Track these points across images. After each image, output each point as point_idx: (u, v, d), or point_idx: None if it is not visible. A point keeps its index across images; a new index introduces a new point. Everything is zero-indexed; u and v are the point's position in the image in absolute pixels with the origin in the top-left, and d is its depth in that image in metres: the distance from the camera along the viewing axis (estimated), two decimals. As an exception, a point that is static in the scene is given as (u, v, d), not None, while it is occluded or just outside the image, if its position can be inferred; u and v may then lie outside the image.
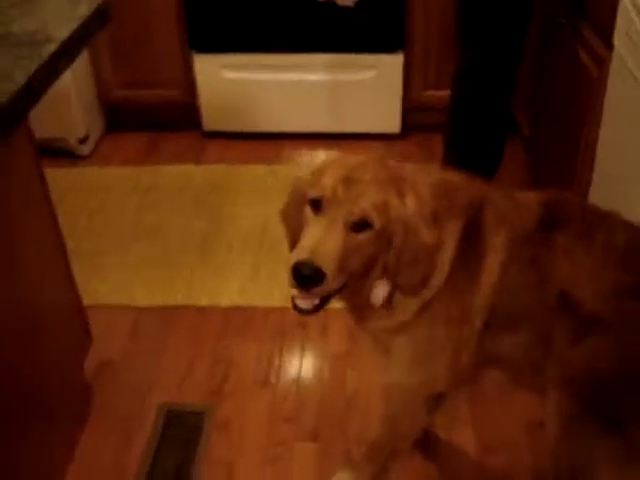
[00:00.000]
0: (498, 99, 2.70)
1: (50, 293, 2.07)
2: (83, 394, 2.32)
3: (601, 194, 2.28)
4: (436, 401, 1.85)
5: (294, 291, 1.47)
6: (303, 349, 2.51)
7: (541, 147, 3.04)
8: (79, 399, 2.29)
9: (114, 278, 2.83)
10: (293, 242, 1.60)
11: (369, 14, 3.38)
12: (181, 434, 2.24)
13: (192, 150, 3.70)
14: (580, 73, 2.44)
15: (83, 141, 3.62)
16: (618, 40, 2.02)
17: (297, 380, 2.41)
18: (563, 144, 2.66)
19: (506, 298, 1.52)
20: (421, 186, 1.50)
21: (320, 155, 3.61)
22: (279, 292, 2.69)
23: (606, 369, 1.40)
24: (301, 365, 2.46)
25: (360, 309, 1.64)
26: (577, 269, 1.46)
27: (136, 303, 2.72)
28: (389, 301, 1.56)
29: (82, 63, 3.59)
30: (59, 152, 3.61)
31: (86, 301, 2.62)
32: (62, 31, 1.59)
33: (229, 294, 2.73)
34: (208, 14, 3.47)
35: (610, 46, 2.12)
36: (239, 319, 2.64)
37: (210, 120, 3.74)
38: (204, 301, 2.71)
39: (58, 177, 3.43)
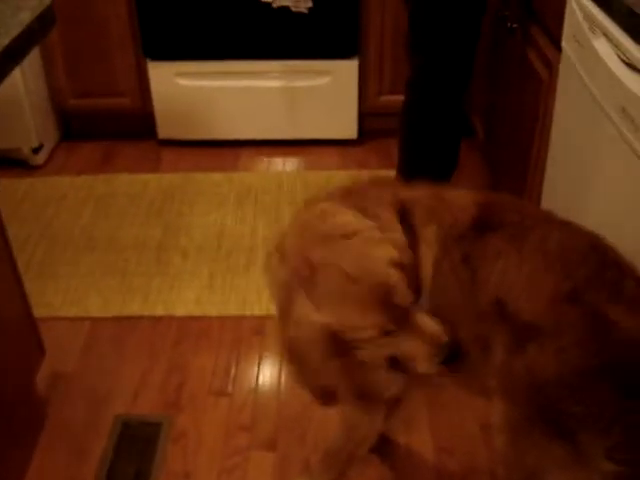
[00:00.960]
0: (450, 104, 2.71)
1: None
2: (36, 408, 2.28)
3: (553, 195, 2.31)
4: (392, 406, 1.84)
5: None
6: (260, 357, 2.49)
7: (496, 151, 3.06)
8: (32, 413, 2.26)
9: (68, 289, 2.79)
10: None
11: (323, 20, 3.39)
12: (137, 446, 2.21)
13: (147, 159, 3.67)
14: (531, 76, 2.46)
15: (37, 151, 3.57)
16: (566, 43, 2.04)
17: (254, 389, 2.39)
18: (516, 147, 2.69)
19: (440, 297, 1.51)
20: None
21: (277, 162, 3.60)
22: (235, 301, 2.68)
23: (548, 376, 1.38)
24: (258, 374, 2.44)
25: None
26: (511, 274, 1.43)
27: (90, 314, 2.68)
28: None
29: (35, 72, 3.55)
30: (13, 162, 3.56)
31: (40, 313, 2.59)
32: (3, 38, 1.56)
33: (185, 304, 2.71)
34: (162, 22, 3.45)
35: (560, 49, 2.14)
36: (195, 329, 2.62)
37: (165, 128, 3.71)
38: (159, 311, 2.68)
39: (12, 187, 3.41)
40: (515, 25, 2.59)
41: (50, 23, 1.71)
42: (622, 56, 1.64)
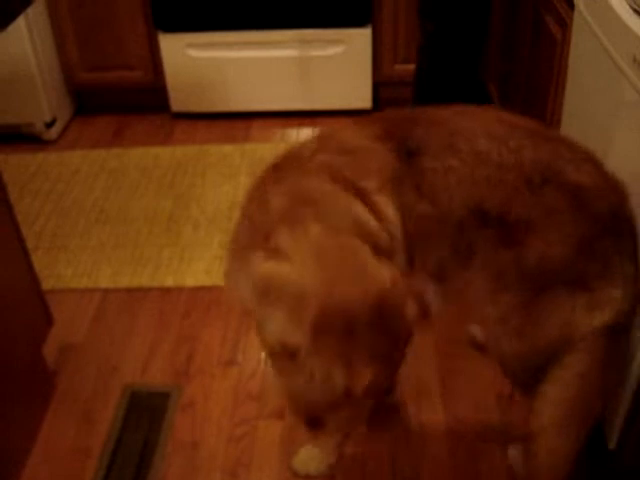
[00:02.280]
0: (462, 70, 2.65)
1: (3, 275, 2.02)
2: (45, 378, 2.27)
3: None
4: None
5: None
6: (270, 327, 2.46)
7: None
8: (41, 382, 2.24)
9: (79, 261, 2.77)
10: None
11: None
12: (145, 415, 2.20)
13: (160, 132, 3.64)
14: (545, 37, 2.40)
15: (50, 125, 3.56)
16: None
17: (264, 359, 2.36)
18: (532, 110, 2.62)
19: (417, 238, 1.54)
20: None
21: (290, 133, 3.56)
22: (246, 271, 2.65)
23: (541, 259, 1.47)
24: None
25: None
26: (469, 183, 1.48)
27: (101, 285, 2.67)
28: None
29: (47, 47, 3.53)
30: (26, 137, 3.55)
31: (51, 285, 2.61)
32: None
33: (195, 274, 2.68)
34: (172, -8, 3.41)
35: (572, 7, 2.08)
36: (205, 299, 2.59)
37: (178, 101, 3.68)
38: (170, 282, 2.66)
39: (25, 162, 3.40)
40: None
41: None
42: (633, 4, 1.58)
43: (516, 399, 2.16)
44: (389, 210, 1.49)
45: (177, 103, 3.68)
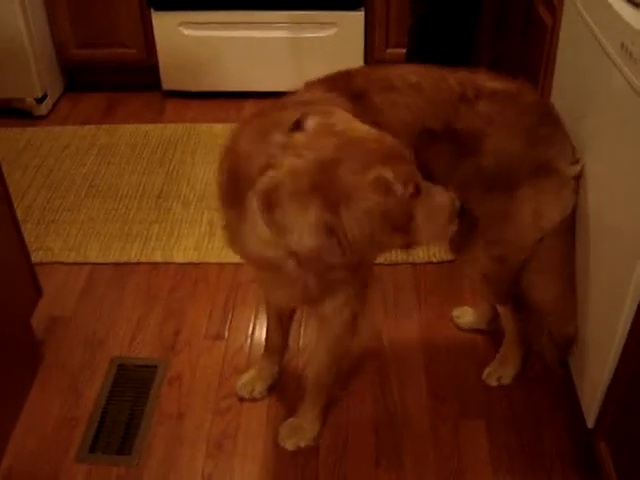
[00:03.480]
0: (454, 52, 2.67)
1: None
2: (33, 349, 2.29)
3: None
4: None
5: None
6: (257, 303, 2.48)
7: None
8: (28, 353, 2.26)
9: (68, 235, 2.79)
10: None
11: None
12: (132, 387, 2.22)
13: (151, 110, 3.65)
14: (536, 23, 2.43)
15: (40, 101, 3.56)
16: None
17: (251, 334, 2.39)
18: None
19: None
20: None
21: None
22: (234, 249, 2.67)
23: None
24: (255, 319, 2.44)
25: None
26: (411, 110, 1.71)
27: (89, 260, 2.68)
28: None
29: (39, 22, 3.53)
30: (17, 112, 3.55)
31: (40, 258, 2.63)
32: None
33: (183, 251, 2.70)
34: (165, -30, 3.41)
35: (563, -7, 2.10)
36: (193, 275, 2.61)
37: (169, 79, 3.68)
38: (158, 257, 2.68)
39: (15, 136, 3.41)
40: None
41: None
42: (622, -10, 1.60)
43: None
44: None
45: (169, 81, 3.69)
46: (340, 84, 1.72)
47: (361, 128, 1.51)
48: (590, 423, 1.90)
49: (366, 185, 1.42)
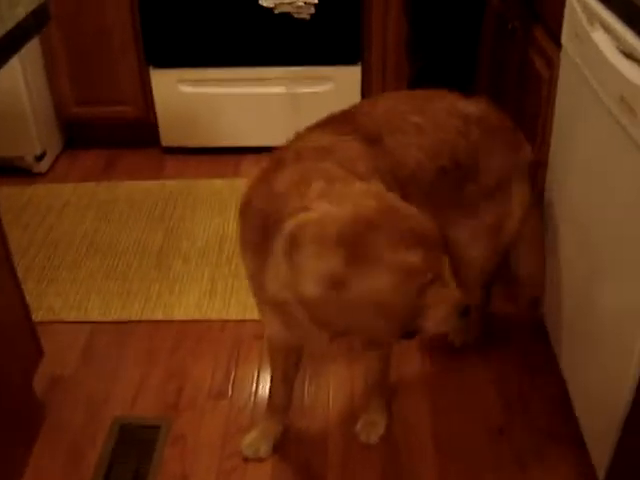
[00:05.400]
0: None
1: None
2: (33, 411, 2.26)
3: (557, 193, 2.29)
4: None
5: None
6: (260, 360, 2.46)
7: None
8: (29, 416, 2.23)
9: (69, 293, 2.78)
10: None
11: (325, 26, 3.38)
12: (135, 449, 2.19)
13: (150, 166, 3.66)
14: (532, 77, 2.45)
15: (40, 158, 3.57)
16: (566, 39, 2.02)
17: (254, 392, 2.36)
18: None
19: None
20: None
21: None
22: (236, 305, 2.66)
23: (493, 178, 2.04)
24: (259, 377, 2.41)
25: None
26: (423, 150, 1.85)
27: (90, 318, 2.67)
28: None
29: (38, 80, 3.56)
30: (16, 170, 3.57)
31: (40, 317, 2.61)
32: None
33: (185, 308, 2.69)
34: (164, 29, 3.46)
35: (560, 46, 2.13)
36: (195, 332, 2.59)
37: (168, 136, 3.71)
38: (159, 315, 2.66)
39: (15, 194, 3.41)
40: (516, 25, 2.57)
41: (44, 18, 1.70)
42: (620, 46, 1.62)
43: (505, 433, 2.17)
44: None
45: (167, 138, 3.71)
46: (347, 127, 1.79)
47: (403, 204, 1.52)
48: (601, 475, 1.88)
49: (394, 263, 1.41)
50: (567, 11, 2.00)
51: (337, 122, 1.84)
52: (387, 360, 2.12)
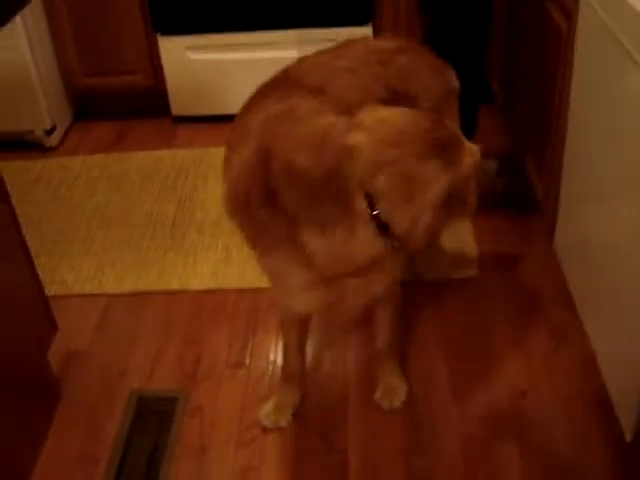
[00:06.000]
0: (465, 67, 2.61)
1: (7, 282, 1.99)
2: (50, 385, 2.24)
3: (576, 151, 2.22)
4: None
5: None
6: (278, 329, 2.42)
7: (517, 113, 2.97)
8: (46, 390, 2.21)
9: (82, 266, 2.75)
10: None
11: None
12: (153, 421, 2.16)
13: (162, 136, 3.61)
14: (550, 30, 2.37)
15: (50, 132, 3.53)
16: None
17: (273, 361, 2.33)
18: (537, 106, 2.60)
19: None
20: None
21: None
22: (252, 274, 2.61)
23: None
24: (276, 345, 2.37)
25: None
26: (365, 86, 1.85)
27: (105, 290, 2.64)
28: None
29: (45, 53, 3.51)
30: (27, 144, 3.53)
31: (54, 291, 2.58)
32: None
33: (200, 277, 2.65)
34: (171, -5, 3.39)
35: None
36: (211, 302, 2.56)
37: (178, 105, 3.65)
38: (175, 285, 2.63)
39: (26, 168, 3.38)
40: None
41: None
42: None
43: (528, 396, 2.13)
44: None
45: (178, 107, 3.66)
46: (294, 89, 1.78)
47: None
48: (629, 437, 1.84)
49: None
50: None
51: (282, 88, 1.81)
52: (395, 317, 2.08)
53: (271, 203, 1.55)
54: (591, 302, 2.19)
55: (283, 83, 1.87)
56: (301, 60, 2.02)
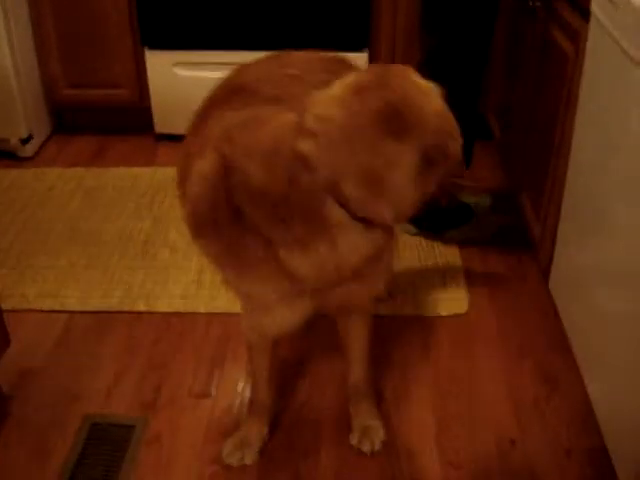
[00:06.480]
0: (462, 93, 2.49)
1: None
2: (-3, 404, 2.05)
3: (577, 190, 2.09)
4: None
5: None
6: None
7: (514, 148, 2.84)
8: (-8, 409, 2.03)
9: (45, 280, 2.57)
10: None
11: (331, 8, 3.19)
12: (106, 449, 1.97)
13: (142, 153, 3.47)
14: (554, 55, 2.26)
15: (26, 142, 3.38)
16: (596, 5, 1.82)
17: (241, 392, 2.15)
18: (537, 140, 2.47)
19: None
20: None
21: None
22: (224, 298, 2.43)
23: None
24: (247, 376, 2.19)
25: None
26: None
27: (67, 307, 2.46)
28: None
29: (28, 60, 3.38)
30: (1, 153, 3.37)
31: (13, 304, 2.44)
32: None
33: (169, 299, 2.48)
34: (161, 8, 3.28)
35: (587, 18, 1.93)
36: (179, 326, 2.39)
37: (162, 122, 3.51)
38: (141, 306, 2.45)
39: (-4, 178, 3.21)
40: (537, 3, 2.38)
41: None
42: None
43: (517, 445, 1.95)
44: None
45: (161, 124, 3.51)
46: (251, 98, 1.67)
47: None
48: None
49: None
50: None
51: (238, 98, 1.70)
52: (369, 342, 1.92)
53: (239, 219, 1.42)
54: (589, 346, 2.03)
55: (237, 93, 1.75)
56: (243, 69, 1.93)
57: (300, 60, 1.87)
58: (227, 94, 1.78)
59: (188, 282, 2.55)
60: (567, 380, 2.14)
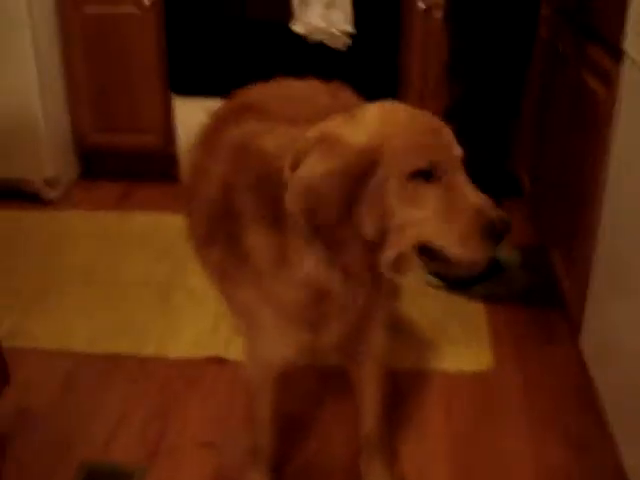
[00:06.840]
0: (490, 142, 2.41)
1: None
2: (-8, 445, 1.96)
3: (609, 246, 1.98)
4: None
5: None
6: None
7: (544, 202, 2.73)
8: (-16, 449, 1.93)
9: (54, 321, 2.50)
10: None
11: (361, 58, 3.16)
12: (102, 498, 1.86)
13: (166, 200, 3.41)
14: (585, 98, 2.17)
15: (51, 184, 3.35)
16: (629, 42, 1.74)
17: (246, 442, 2.01)
18: (568, 194, 2.36)
19: None
20: None
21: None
22: (238, 347, 2.32)
23: None
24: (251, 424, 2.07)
25: None
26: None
27: (74, 348, 2.38)
28: None
29: (57, 102, 3.39)
30: (26, 196, 3.37)
31: (20, 343, 2.36)
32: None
33: (181, 345, 2.38)
34: (190, 55, 3.28)
35: (618, 57, 1.85)
36: (188, 373, 2.28)
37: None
38: (151, 351, 2.36)
39: (18, 218, 3.21)
40: (567, 49, 2.31)
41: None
42: None
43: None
44: None
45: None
46: (261, 115, 1.65)
47: None
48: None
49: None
50: (632, 9, 1.73)
51: (248, 115, 1.67)
52: (384, 384, 1.80)
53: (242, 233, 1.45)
54: (623, 410, 1.88)
55: (247, 110, 1.73)
56: (246, 91, 1.97)
57: (301, 85, 1.92)
58: (236, 112, 1.75)
59: (202, 329, 2.45)
60: (598, 446, 1.99)
